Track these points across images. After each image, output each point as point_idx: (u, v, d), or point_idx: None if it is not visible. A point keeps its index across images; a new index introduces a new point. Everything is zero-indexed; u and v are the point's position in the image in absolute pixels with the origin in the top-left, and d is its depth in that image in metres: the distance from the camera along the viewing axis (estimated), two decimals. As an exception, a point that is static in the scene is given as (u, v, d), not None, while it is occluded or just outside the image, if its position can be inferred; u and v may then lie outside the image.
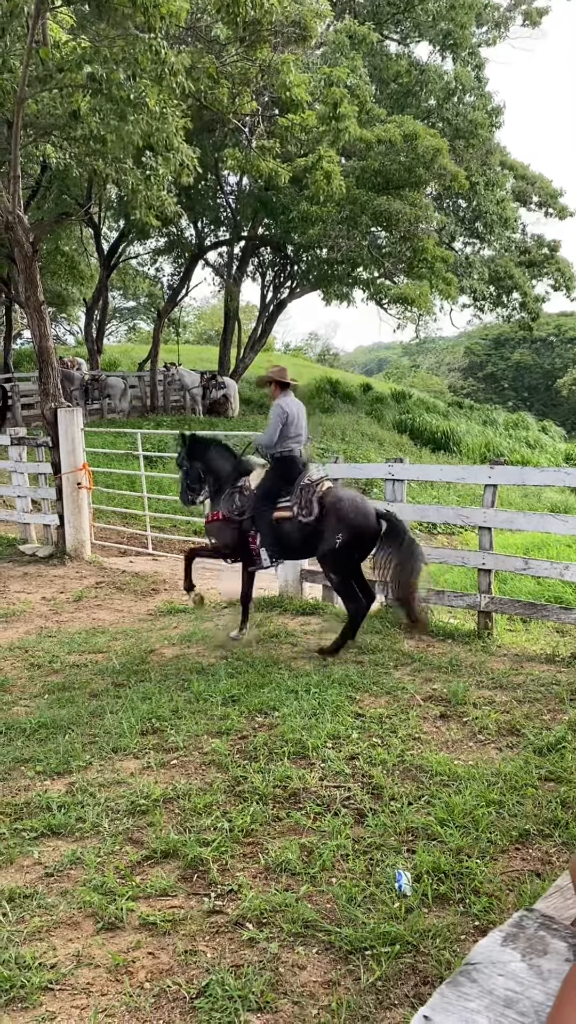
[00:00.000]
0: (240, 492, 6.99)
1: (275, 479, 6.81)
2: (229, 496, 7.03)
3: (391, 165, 22.26)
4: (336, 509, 6.53)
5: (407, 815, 3.89)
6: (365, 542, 6.59)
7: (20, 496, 11.97)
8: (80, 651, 7.07)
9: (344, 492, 6.80)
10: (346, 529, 6.48)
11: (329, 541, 6.52)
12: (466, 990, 0.72)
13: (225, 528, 7.02)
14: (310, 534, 6.63)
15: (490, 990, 0.70)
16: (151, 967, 2.97)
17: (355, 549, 6.59)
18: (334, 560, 6.62)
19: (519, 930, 0.80)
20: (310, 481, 6.74)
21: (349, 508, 6.53)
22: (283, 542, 6.78)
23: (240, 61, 16.44)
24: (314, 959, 2.98)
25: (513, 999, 0.70)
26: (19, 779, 4.52)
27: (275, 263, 30.75)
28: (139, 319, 51.16)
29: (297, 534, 6.67)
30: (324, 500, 6.61)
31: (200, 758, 4.65)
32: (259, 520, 6.79)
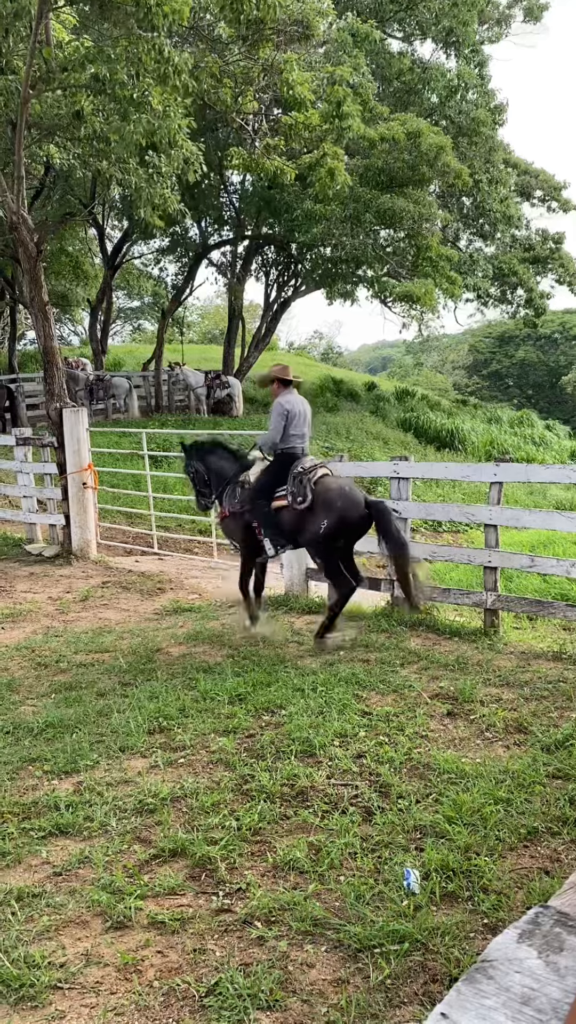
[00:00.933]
0: (241, 487, 7.26)
1: (274, 473, 6.99)
2: (231, 491, 7.32)
3: (394, 163, 22.23)
4: (324, 496, 6.69)
5: (415, 813, 3.89)
6: (351, 528, 6.73)
7: (26, 496, 11.98)
8: (87, 650, 7.07)
9: (334, 480, 6.90)
10: (332, 514, 6.62)
11: (315, 526, 6.68)
12: (483, 987, 0.72)
13: (234, 523, 7.29)
14: (306, 520, 6.78)
15: (507, 987, 0.70)
16: (160, 966, 2.98)
17: (341, 534, 6.71)
18: (319, 544, 6.78)
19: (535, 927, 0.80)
20: (303, 469, 6.85)
21: (336, 495, 6.67)
22: (283, 530, 6.96)
23: (243, 60, 16.42)
24: (323, 957, 2.98)
25: (530, 996, 0.70)
26: (27, 779, 4.53)
27: (279, 262, 30.73)
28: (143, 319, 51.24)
29: (296, 521, 6.84)
30: (316, 487, 6.76)
31: (207, 757, 4.65)
32: (257, 511, 7.00)
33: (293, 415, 6.92)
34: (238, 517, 7.21)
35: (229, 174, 25.97)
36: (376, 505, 6.75)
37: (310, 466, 6.89)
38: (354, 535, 6.84)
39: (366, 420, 28.65)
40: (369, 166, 22.39)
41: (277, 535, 7.00)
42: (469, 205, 29.45)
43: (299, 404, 7.04)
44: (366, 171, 22.43)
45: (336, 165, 18.28)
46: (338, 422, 26.78)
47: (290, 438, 6.95)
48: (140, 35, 10.41)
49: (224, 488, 7.39)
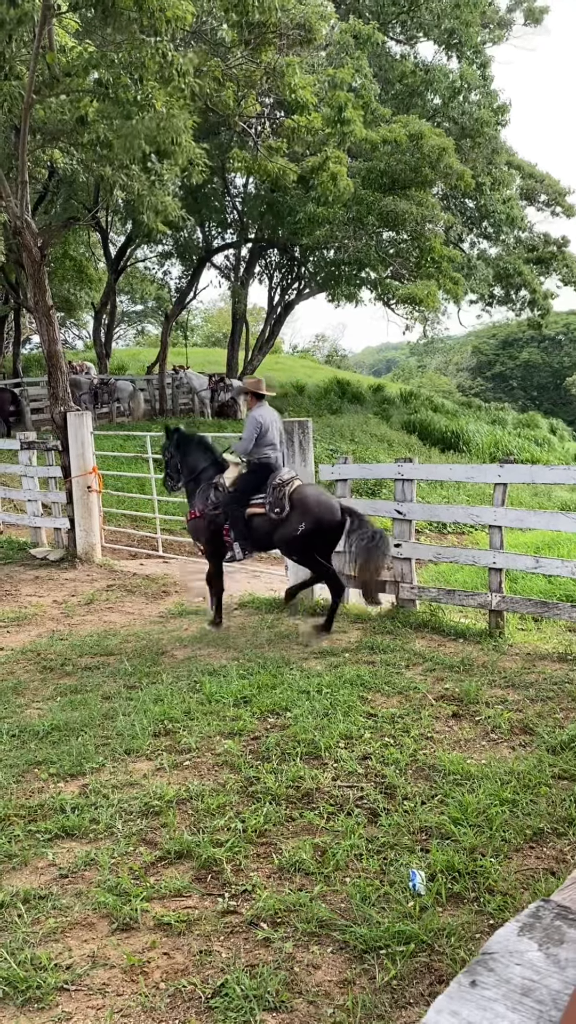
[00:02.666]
0: (215, 488, 7.58)
1: (250, 482, 7.37)
2: (204, 492, 7.64)
3: (397, 165, 22.27)
4: (302, 503, 7.10)
5: (420, 814, 3.89)
6: (328, 533, 7.14)
7: (31, 500, 12.00)
8: (92, 653, 7.08)
9: (310, 488, 7.38)
10: (309, 519, 7.04)
11: (292, 529, 7.08)
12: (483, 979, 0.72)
13: (202, 526, 7.61)
14: (279, 527, 7.18)
15: (507, 979, 0.71)
16: (166, 967, 2.98)
17: (317, 538, 7.10)
18: (296, 546, 7.19)
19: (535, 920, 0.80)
20: (281, 481, 7.23)
21: (313, 502, 7.13)
22: (255, 536, 7.38)
23: (245, 63, 16.47)
24: (329, 958, 2.98)
25: (530, 988, 0.70)
26: (33, 781, 4.54)
27: (282, 265, 30.79)
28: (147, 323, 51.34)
29: (268, 528, 7.24)
30: (293, 496, 7.16)
31: (213, 759, 4.65)
32: (232, 517, 7.37)
33: (266, 427, 7.36)
34: (208, 519, 7.51)
35: (232, 177, 26.04)
36: (351, 511, 7.21)
37: (287, 478, 7.28)
38: (332, 539, 7.20)
39: (370, 422, 28.64)
40: (372, 168, 22.42)
41: (247, 540, 7.39)
42: (472, 207, 29.47)
43: (271, 416, 7.49)
44: (369, 173, 22.47)
45: (338, 169, 18.33)
46: (342, 424, 26.78)
47: (264, 448, 7.38)
48: (143, 40, 10.43)
49: (198, 485, 7.73)
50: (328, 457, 19.78)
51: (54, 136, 12.83)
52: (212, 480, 7.64)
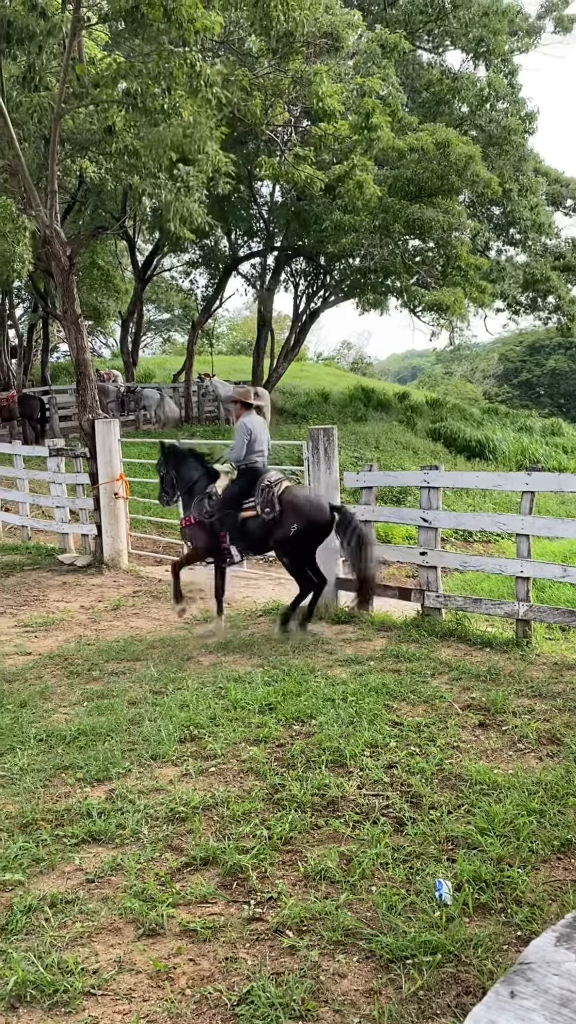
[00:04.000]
0: (209, 497, 7.94)
1: (240, 487, 7.75)
2: (199, 501, 7.98)
3: (424, 173, 22.24)
4: (293, 503, 7.50)
5: (447, 824, 3.86)
6: (318, 531, 7.54)
7: (59, 506, 12.10)
8: (118, 659, 7.12)
9: (300, 489, 7.91)
10: (301, 519, 7.43)
11: (285, 530, 7.44)
12: (521, 989, 0.72)
13: (199, 530, 7.96)
14: (272, 528, 7.54)
15: (545, 989, 0.70)
16: (192, 973, 2.98)
17: (309, 537, 7.53)
18: (289, 546, 7.57)
19: (573, 931, 0.80)
20: (269, 482, 7.62)
21: (304, 502, 7.55)
22: (249, 538, 7.74)
23: (273, 72, 16.55)
24: (355, 967, 2.97)
25: (569, 998, 0.70)
26: (60, 786, 4.57)
27: (308, 273, 30.83)
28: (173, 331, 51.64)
29: (261, 530, 7.61)
30: (283, 497, 7.54)
31: (238, 766, 4.66)
32: (227, 521, 7.72)
33: (255, 435, 7.77)
34: (204, 525, 7.88)
35: (259, 186, 26.14)
36: (340, 508, 7.63)
37: (275, 479, 7.68)
38: (321, 536, 7.62)
39: (395, 430, 28.60)
40: (398, 176, 22.42)
41: (242, 542, 7.79)
42: (499, 214, 29.38)
43: (259, 424, 7.93)
44: (395, 181, 22.47)
45: (365, 177, 18.34)
46: (367, 432, 26.76)
47: (253, 455, 7.77)
48: (172, 51, 10.53)
49: (192, 495, 8.06)
50: (353, 464, 19.77)
51: (83, 146, 12.99)
52: (206, 490, 7.99)
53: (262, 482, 7.63)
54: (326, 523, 7.53)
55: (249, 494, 7.65)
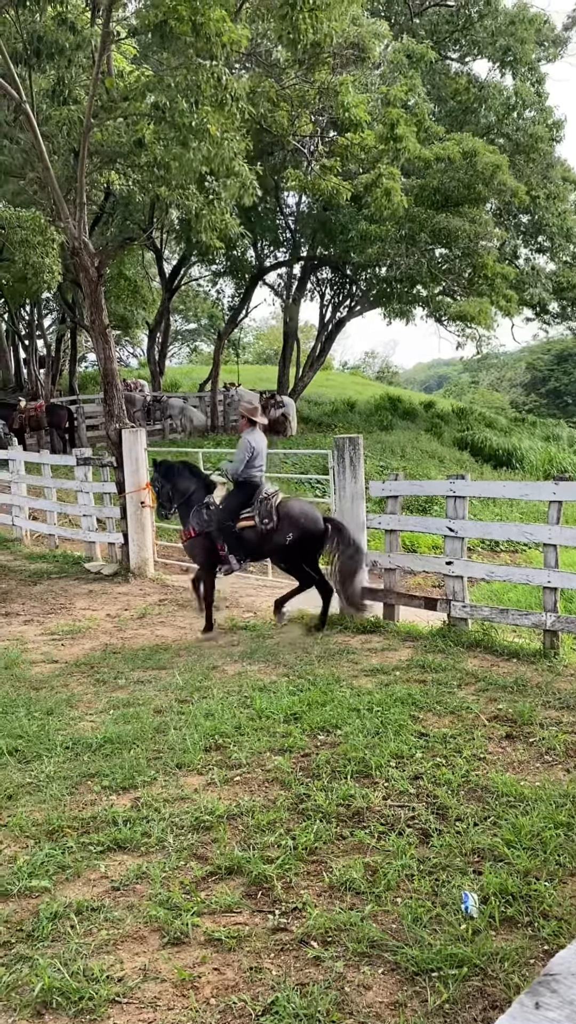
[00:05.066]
0: (207, 508, 8.31)
1: (239, 499, 8.14)
2: (197, 512, 8.34)
3: (450, 182, 22.23)
4: (289, 514, 7.94)
5: (473, 836, 3.84)
6: (313, 541, 7.94)
7: (86, 515, 12.18)
8: (144, 667, 7.15)
9: (295, 502, 8.32)
10: (297, 530, 7.87)
11: (281, 539, 7.89)
12: (546, 1000, 0.72)
13: (198, 543, 8.35)
14: (269, 537, 7.98)
15: (570, 1000, 0.70)
16: (217, 983, 2.98)
17: (305, 546, 7.92)
18: (285, 554, 8.05)
19: (599, 943, 0.79)
20: (267, 495, 8.07)
21: (299, 513, 7.98)
22: (247, 547, 8.16)
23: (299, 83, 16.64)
24: (380, 979, 2.95)
25: (594, 1010, 0.70)
26: (86, 793, 4.59)
27: (334, 282, 30.89)
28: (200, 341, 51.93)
29: (259, 539, 8.04)
30: (280, 509, 7.98)
31: (263, 775, 4.66)
32: (225, 532, 8.11)
33: (258, 451, 8.14)
34: (203, 537, 8.26)
35: (285, 196, 26.26)
36: (333, 520, 8.06)
37: (272, 492, 8.14)
38: (317, 546, 8.00)
39: (421, 439, 28.51)
40: (424, 185, 22.42)
41: (240, 551, 8.18)
42: (527, 222, 29.28)
43: (262, 441, 8.32)
44: (421, 190, 22.47)
45: (392, 185, 18.36)
46: (393, 441, 26.71)
47: (253, 469, 8.14)
48: (199, 63, 10.62)
49: (189, 507, 8.41)
50: (379, 473, 19.73)
51: (111, 158, 13.11)
52: (203, 501, 8.36)
53: (260, 494, 8.07)
54: (320, 533, 7.93)
55: (247, 505, 8.07)
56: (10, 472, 14.08)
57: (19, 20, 11.20)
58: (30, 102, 11.25)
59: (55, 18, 11.07)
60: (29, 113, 11.02)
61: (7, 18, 11.09)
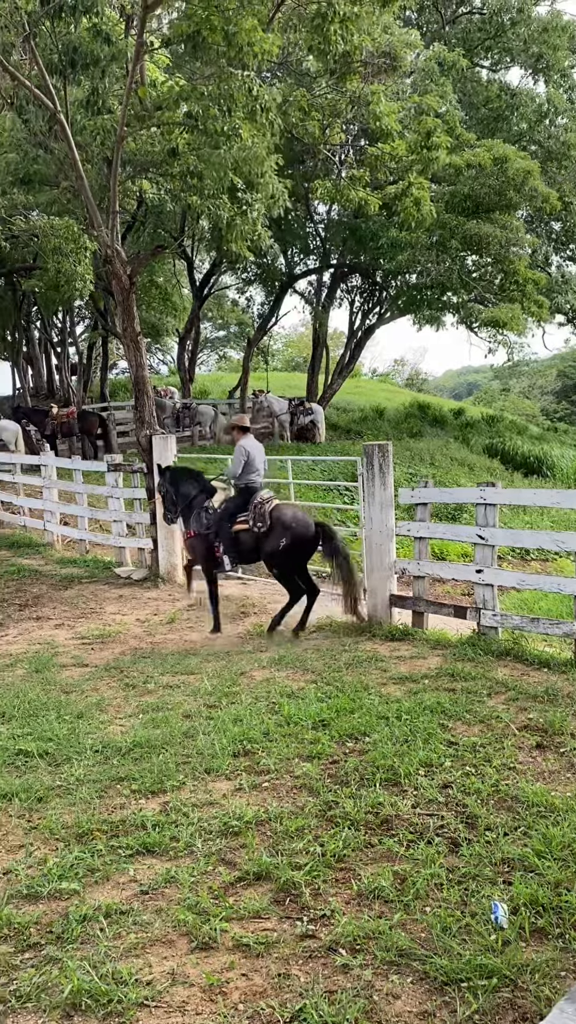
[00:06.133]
0: (206, 511, 8.77)
1: (236, 503, 8.57)
2: (197, 515, 8.80)
3: (481, 189, 22.18)
4: (281, 520, 8.25)
5: (503, 846, 3.80)
6: (305, 546, 8.30)
7: (116, 520, 12.27)
8: (173, 672, 7.17)
9: (288, 508, 8.62)
10: (289, 535, 8.18)
11: (274, 543, 8.22)
12: (586, 1006, 0.71)
13: (199, 542, 8.79)
14: (262, 541, 8.33)
15: (611, 1006, 0.70)
16: (245, 988, 2.98)
17: (296, 551, 8.26)
18: (278, 559, 8.35)
19: None
20: (262, 500, 8.42)
21: (291, 519, 8.29)
22: (241, 549, 8.55)
23: (330, 93, 16.69)
24: (409, 988, 2.93)
25: None
26: (115, 797, 4.61)
27: (363, 289, 30.89)
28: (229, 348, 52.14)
29: (252, 542, 8.41)
30: (273, 514, 8.30)
31: (291, 781, 4.65)
32: (222, 534, 8.53)
33: (252, 456, 8.55)
34: (203, 537, 8.69)
35: (315, 204, 26.32)
36: (323, 526, 8.45)
37: (267, 497, 8.48)
38: (308, 551, 8.37)
39: (451, 446, 28.39)
40: (455, 192, 22.39)
41: (235, 553, 8.57)
42: (558, 229, 29.10)
43: (256, 446, 8.74)
44: (452, 198, 22.43)
45: (421, 195, 18.34)
46: (422, 448, 26.62)
47: (249, 475, 8.57)
48: (231, 73, 10.70)
49: (191, 510, 8.86)
50: (408, 480, 19.69)
51: (144, 167, 13.23)
52: (204, 504, 8.82)
53: (255, 499, 8.44)
54: (311, 538, 8.29)
55: (243, 510, 8.47)
56: (42, 477, 14.22)
57: (55, 32, 11.36)
58: (65, 112, 11.40)
59: (90, 29, 11.20)
60: (64, 123, 11.16)
61: (43, 30, 11.24)
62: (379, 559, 8.33)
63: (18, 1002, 2.98)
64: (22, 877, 3.80)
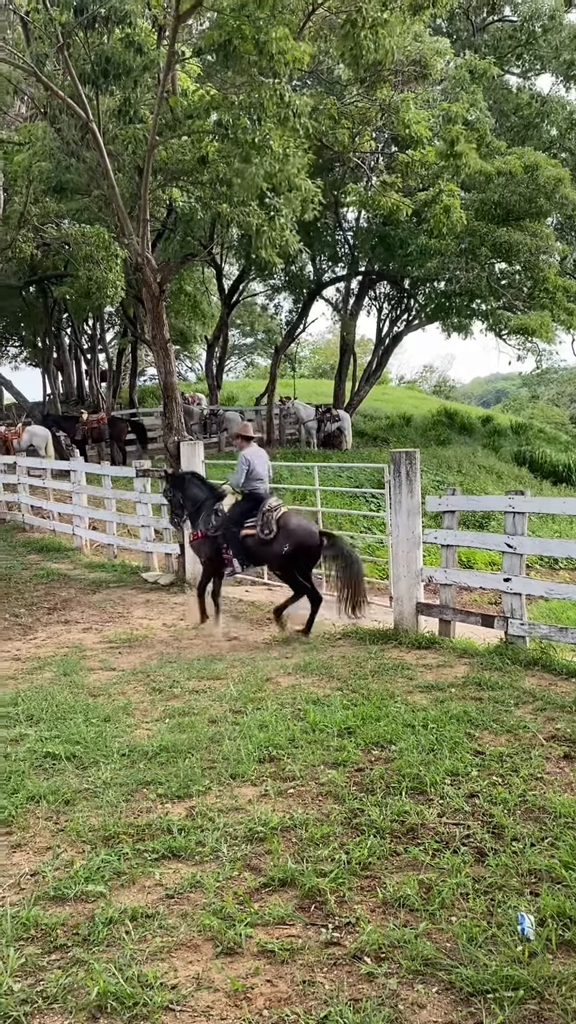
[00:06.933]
0: (215, 514, 9.17)
1: (242, 509, 8.92)
2: (206, 517, 9.19)
3: (511, 196, 22.09)
4: (287, 526, 8.61)
5: (529, 856, 3.78)
6: (308, 553, 8.62)
7: (144, 525, 12.35)
8: (199, 677, 7.20)
9: (294, 516, 8.93)
10: (293, 541, 8.53)
11: (279, 549, 8.58)
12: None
13: (205, 543, 9.18)
14: (268, 546, 8.68)
15: None
16: (270, 995, 2.98)
17: (299, 557, 8.59)
18: (282, 564, 8.72)
19: None
20: (270, 508, 8.75)
21: (296, 526, 8.65)
22: (249, 553, 8.90)
23: (360, 101, 16.73)
24: (434, 998, 2.92)
25: None
26: (141, 801, 4.64)
27: (391, 296, 30.86)
28: (256, 355, 52.29)
29: (259, 547, 8.76)
30: (279, 521, 8.65)
31: (317, 788, 4.65)
32: (230, 538, 8.90)
33: (254, 465, 8.89)
34: (209, 539, 9.10)
35: (344, 211, 26.36)
36: (327, 534, 8.81)
37: (275, 505, 8.82)
38: (312, 558, 8.70)
39: (478, 454, 28.25)
40: (485, 200, 22.32)
41: (244, 556, 8.93)
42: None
43: (259, 455, 9.10)
44: (482, 205, 22.36)
45: (451, 202, 18.31)
46: (449, 455, 26.51)
47: (253, 482, 8.90)
48: (262, 82, 10.76)
49: (199, 513, 9.27)
50: (435, 488, 19.61)
51: (175, 175, 13.33)
52: (213, 508, 9.22)
53: (264, 506, 8.76)
54: (315, 546, 8.60)
55: (250, 516, 8.80)
56: (72, 483, 14.35)
57: (88, 42, 11.49)
58: (97, 121, 11.52)
59: (122, 40, 11.33)
60: (96, 132, 11.28)
61: (76, 40, 11.38)
62: (406, 567, 8.31)
63: (45, 1003, 3.00)
64: (49, 879, 3.83)
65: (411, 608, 8.34)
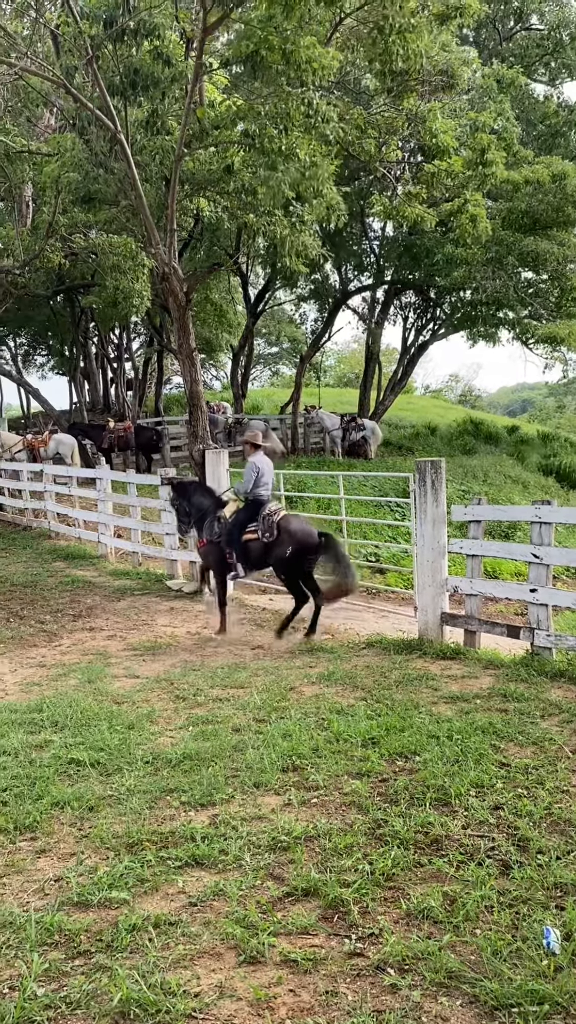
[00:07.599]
0: (218, 521, 9.44)
1: (246, 515, 9.18)
2: (210, 524, 9.45)
3: (538, 205, 22.01)
4: (287, 529, 8.85)
5: (555, 869, 3.74)
6: (308, 553, 8.83)
7: (168, 533, 12.39)
8: (222, 685, 7.20)
9: (294, 519, 9.22)
10: (293, 543, 8.76)
11: (281, 551, 8.82)
12: None
13: (211, 549, 9.45)
14: (270, 549, 8.92)
15: None
16: (292, 1004, 2.97)
17: (300, 558, 8.82)
18: (283, 565, 8.94)
19: None
20: (270, 511, 9.04)
21: (295, 529, 8.88)
22: (251, 557, 9.15)
23: (387, 111, 16.75)
24: (458, 1012, 2.90)
25: None
26: (165, 808, 4.64)
27: (417, 306, 30.83)
28: (281, 364, 52.41)
29: (261, 551, 9.01)
30: (279, 524, 8.90)
31: (340, 798, 4.63)
32: (234, 543, 9.16)
33: (263, 472, 9.14)
34: (215, 545, 9.36)
35: (370, 221, 26.38)
36: (326, 535, 8.97)
37: (275, 509, 9.09)
38: (311, 559, 8.87)
39: (504, 463, 28.08)
40: (512, 209, 22.25)
41: (247, 560, 9.19)
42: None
43: (267, 463, 9.33)
44: (509, 214, 22.30)
45: (477, 212, 18.27)
46: (475, 465, 26.38)
47: (259, 488, 9.13)
48: (289, 92, 10.82)
49: (204, 520, 9.49)
50: (460, 498, 19.51)
51: (201, 186, 13.42)
52: (216, 515, 9.47)
53: (264, 511, 9.05)
54: (314, 547, 8.83)
55: (253, 521, 9.06)
56: (97, 490, 14.44)
57: (117, 55, 11.62)
58: (125, 133, 11.63)
59: (151, 52, 11.43)
60: (124, 143, 11.39)
61: (105, 53, 11.50)
62: (431, 576, 8.28)
63: (68, 1008, 3.01)
64: (73, 885, 3.85)
65: (436, 618, 8.30)
